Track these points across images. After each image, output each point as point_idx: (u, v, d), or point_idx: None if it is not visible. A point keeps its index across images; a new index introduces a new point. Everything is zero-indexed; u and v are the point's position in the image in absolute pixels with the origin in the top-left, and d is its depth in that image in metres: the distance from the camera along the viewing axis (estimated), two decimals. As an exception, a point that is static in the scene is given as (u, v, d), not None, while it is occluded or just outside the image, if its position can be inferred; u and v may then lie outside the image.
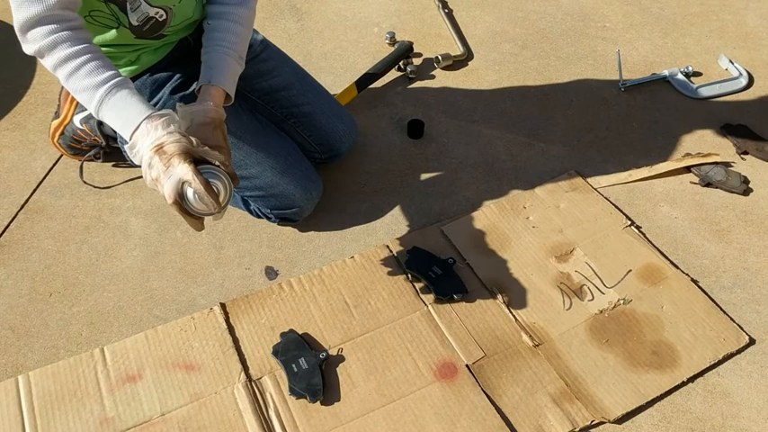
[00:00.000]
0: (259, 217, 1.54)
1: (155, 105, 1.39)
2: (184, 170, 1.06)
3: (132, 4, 1.25)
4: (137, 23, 1.28)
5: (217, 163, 1.11)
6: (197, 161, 1.09)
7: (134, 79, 1.39)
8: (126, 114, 1.11)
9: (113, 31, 1.29)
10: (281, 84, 1.56)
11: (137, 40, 1.33)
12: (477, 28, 2.17)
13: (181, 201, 1.08)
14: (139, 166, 1.12)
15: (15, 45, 1.15)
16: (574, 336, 1.32)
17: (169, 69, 1.42)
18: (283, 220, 1.53)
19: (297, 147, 1.54)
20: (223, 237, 1.53)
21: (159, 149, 1.07)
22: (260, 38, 1.57)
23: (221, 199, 1.10)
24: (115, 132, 1.58)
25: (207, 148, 1.11)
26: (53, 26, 1.10)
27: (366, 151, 1.74)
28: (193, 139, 1.10)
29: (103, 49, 1.29)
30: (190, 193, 1.07)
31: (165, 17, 1.30)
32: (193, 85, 1.39)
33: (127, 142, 1.12)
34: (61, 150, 1.66)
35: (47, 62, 1.14)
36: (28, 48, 1.14)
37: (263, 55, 1.54)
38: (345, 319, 1.34)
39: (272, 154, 1.45)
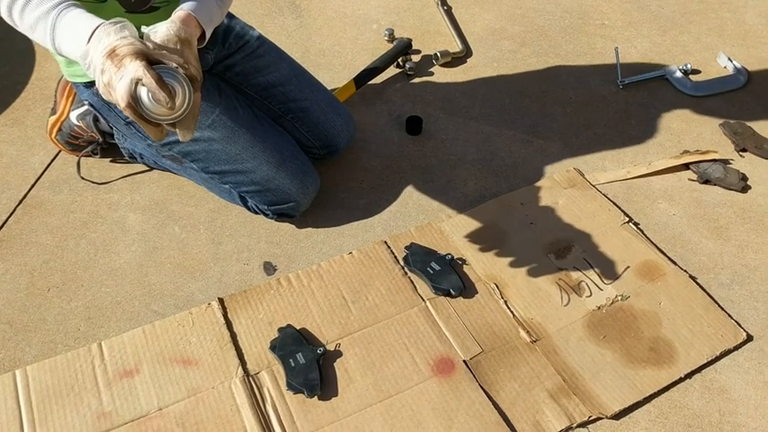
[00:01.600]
0: (257, 213, 1.54)
1: None
2: (135, 67, 0.97)
3: None
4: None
5: (174, 65, 1.02)
6: (153, 63, 1.00)
7: None
8: (78, 30, 1.04)
9: (103, 6, 1.25)
10: (278, 79, 1.56)
11: (127, 14, 1.30)
12: (475, 25, 2.16)
13: (135, 105, 0.99)
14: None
15: (12, 41, 1.15)
16: (571, 332, 1.32)
17: None
18: (281, 216, 1.53)
19: (293, 141, 1.54)
20: (221, 232, 1.53)
21: (112, 53, 0.99)
22: (257, 34, 1.57)
23: (179, 102, 1.00)
24: (111, 128, 1.59)
25: (165, 52, 1.02)
26: None
27: (364, 147, 1.74)
28: (149, 44, 1.02)
29: None
30: (143, 93, 0.98)
31: None
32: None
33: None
34: (59, 146, 1.66)
35: (4, 12, 1.09)
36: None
37: (259, 51, 1.54)
38: (343, 314, 1.34)
39: (268, 148, 1.44)
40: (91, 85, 1.41)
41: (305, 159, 1.52)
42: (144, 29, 1.10)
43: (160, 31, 1.08)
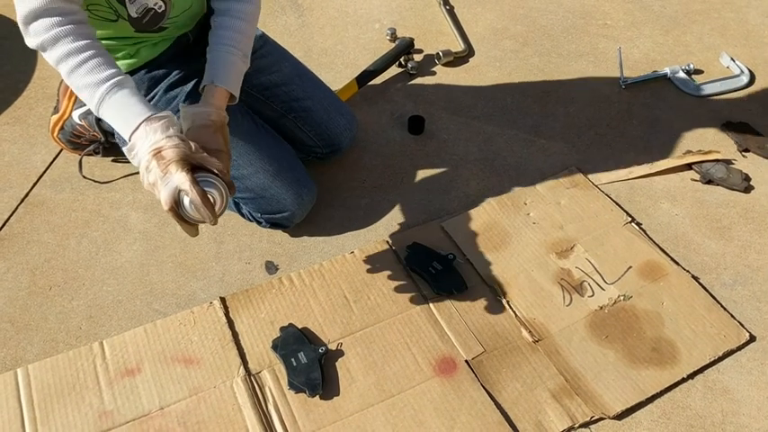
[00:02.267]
0: (250, 220, 1.53)
1: (150, 102, 1.39)
2: (182, 179, 1.06)
3: None
4: (136, 15, 1.27)
5: (215, 170, 1.11)
6: (194, 167, 1.09)
7: (131, 74, 1.38)
8: (125, 114, 1.11)
9: (113, 24, 1.28)
10: (280, 79, 1.55)
11: (137, 33, 1.32)
12: (478, 25, 2.16)
13: (177, 207, 1.08)
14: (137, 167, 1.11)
15: (15, 39, 1.16)
16: (574, 332, 1.32)
17: (167, 66, 1.42)
18: (274, 225, 1.51)
19: (292, 150, 1.52)
20: (223, 231, 1.52)
21: (157, 154, 1.07)
22: (259, 33, 1.56)
23: (217, 208, 1.10)
24: (113, 128, 1.58)
25: (205, 154, 1.11)
26: (55, 19, 1.10)
27: (366, 147, 1.74)
28: (192, 145, 1.10)
29: (103, 42, 1.28)
30: (186, 201, 1.07)
31: (163, 8, 1.30)
32: (192, 83, 1.39)
33: (127, 142, 1.11)
34: (61, 145, 1.66)
35: (49, 56, 1.13)
36: (30, 41, 1.13)
37: (262, 50, 1.54)
38: (345, 313, 1.34)
39: (265, 156, 1.43)
40: None
41: (302, 170, 1.50)
42: (181, 107, 1.19)
43: (198, 118, 1.18)
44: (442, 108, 1.86)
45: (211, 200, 1.08)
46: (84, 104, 1.58)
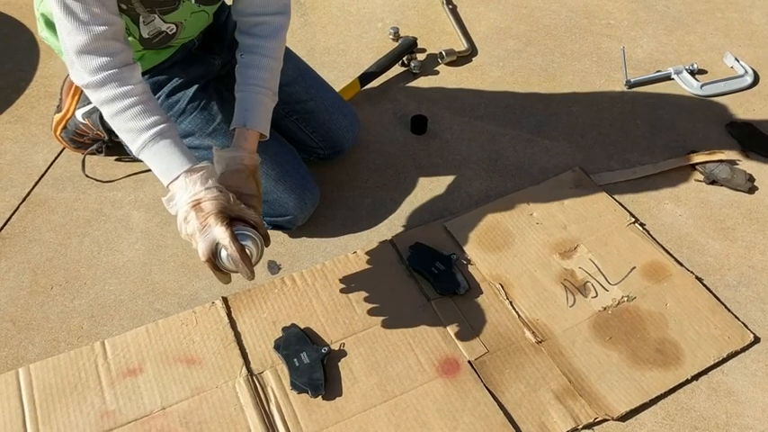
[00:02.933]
0: None
1: None
2: (221, 234, 1.09)
3: (146, 19, 1.24)
4: (147, 36, 1.27)
5: (252, 222, 1.14)
6: (232, 218, 1.12)
7: None
8: (166, 164, 1.14)
9: None
10: (283, 80, 1.53)
11: (144, 50, 1.33)
12: (481, 24, 2.16)
13: (213, 258, 1.11)
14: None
15: (17, 38, 1.15)
16: (577, 333, 1.32)
17: (170, 71, 1.42)
18: (276, 228, 1.51)
19: (296, 153, 1.52)
20: (225, 231, 1.52)
21: (196, 205, 1.10)
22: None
23: (253, 261, 1.13)
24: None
25: (243, 206, 1.14)
26: (103, 60, 1.10)
27: (369, 147, 1.73)
28: (231, 196, 1.13)
29: None
30: (224, 253, 1.10)
31: (175, 31, 1.30)
32: (194, 87, 1.40)
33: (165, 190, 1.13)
34: (64, 144, 1.66)
35: (93, 97, 1.14)
36: (76, 78, 1.14)
37: None
38: (347, 314, 1.34)
39: (269, 160, 1.42)
40: None
41: (306, 173, 1.50)
42: (215, 151, 1.23)
43: (231, 163, 1.20)
44: (445, 108, 1.85)
45: (248, 253, 1.11)
46: (88, 103, 1.58)
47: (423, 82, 1.94)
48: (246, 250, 1.11)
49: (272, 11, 1.30)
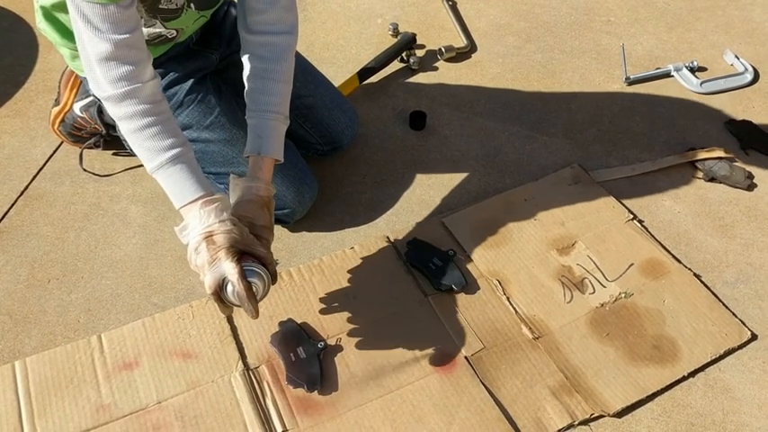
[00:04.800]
0: None
1: None
2: (230, 269, 1.08)
3: (147, 22, 1.24)
4: (146, 38, 1.27)
5: (261, 258, 1.14)
6: (242, 252, 1.12)
7: None
8: (180, 188, 1.14)
9: None
10: None
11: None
12: (480, 20, 2.15)
13: (219, 291, 1.11)
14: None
15: (16, 32, 1.15)
16: (574, 329, 1.31)
17: (167, 65, 1.41)
18: (274, 222, 1.51)
19: (294, 147, 1.51)
20: (223, 226, 1.52)
21: (208, 237, 1.10)
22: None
23: (258, 298, 1.12)
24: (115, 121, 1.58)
25: (254, 240, 1.14)
26: (124, 69, 1.09)
27: (367, 142, 1.73)
28: (244, 230, 1.13)
29: None
30: (230, 288, 1.10)
31: (174, 35, 1.30)
32: (190, 81, 1.40)
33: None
34: (61, 138, 1.66)
35: (111, 111, 1.14)
36: (96, 89, 1.13)
37: None
38: (344, 309, 1.33)
39: None
40: None
41: (304, 167, 1.49)
42: (231, 179, 1.23)
43: (246, 193, 1.21)
44: (444, 104, 1.85)
45: (254, 290, 1.11)
46: (86, 96, 1.58)
47: (422, 78, 1.93)
48: (253, 287, 1.10)
49: (279, 30, 1.28)
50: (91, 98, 1.57)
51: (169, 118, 1.16)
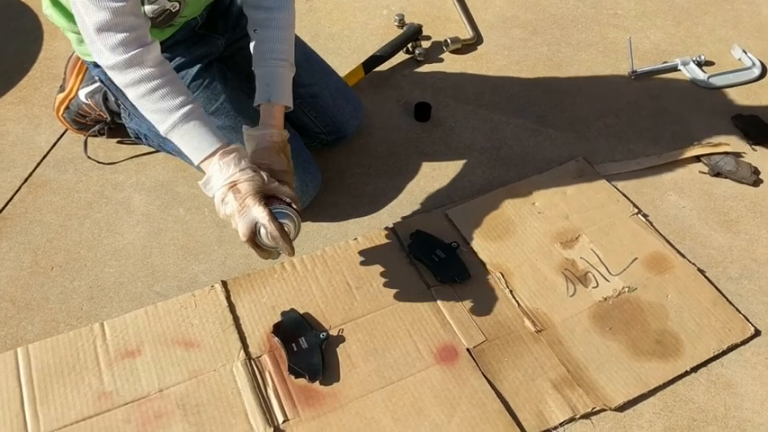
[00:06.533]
0: None
1: None
2: (260, 213, 1.12)
3: None
4: (151, 15, 1.26)
5: (287, 200, 1.17)
6: (268, 197, 1.15)
7: None
8: (197, 143, 1.16)
9: None
10: None
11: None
12: (487, 12, 2.14)
13: (253, 237, 1.15)
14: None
15: (21, 19, 1.15)
16: (577, 322, 1.31)
17: (173, 49, 1.41)
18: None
19: (298, 136, 1.51)
20: (226, 215, 1.52)
21: (233, 187, 1.13)
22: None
23: (292, 237, 1.16)
24: (119, 107, 1.58)
25: (277, 184, 1.17)
26: (123, 36, 1.10)
27: (372, 133, 1.72)
28: (264, 176, 1.16)
29: None
30: (263, 232, 1.14)
31: (178, 8, 1.30)
32: (197, 66, 1.39)
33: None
34: (66, 125, 1.66)
35: (118, 79, 1.15)
36: (100, 58, 1.13)
37: None
38: (347, 300, 1.33)
39: None
40: None
41: (308, 156, 1.49)
42: (245, 130, 1.26)
43: (261, 140, 1.24)
44: (449, 95, 1.84)
45: (287, 230, 1.15)
46: (92, 83, 1.57)
47: (427, 69, 1.93)
48: (285, 227, 1.14)
49: None
50: (96, 85, 1.56)
51: (175, 78, 1.17)
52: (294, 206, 1.18)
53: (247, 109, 1.42)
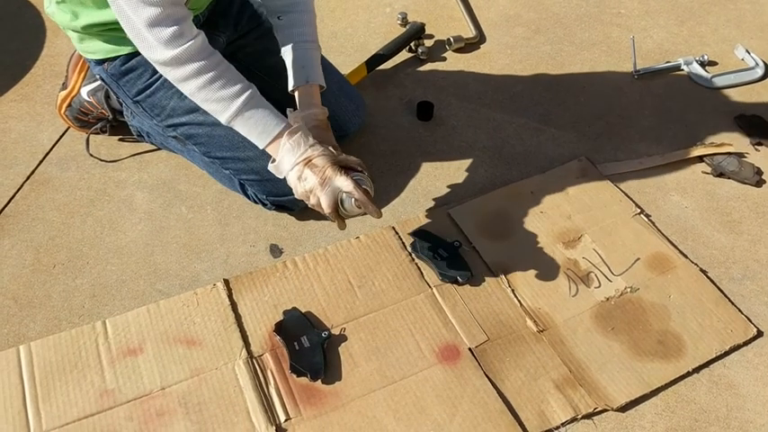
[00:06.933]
0: (255, 202, 1.51)
1: (153, 86, 1.40)
2: (344, 183, 1.17)
3: None
4: None
5: (358, 167, 1.23)
6: (342, 167, 1.20)
7: (137, 56, 1.37)
8: (263, 127, 1.20)
9: None
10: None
11: None
12: (490, 11, 2.14)
13: (336, 206, 1.20)
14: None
15: (24, 16, 1.15)
16: (579, 322, 1.31)
17: None
18: (279, 208, 1.50)
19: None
20: (228, 213, 1.52)
21: (309, 163, 1.18)
22: (270, 13, 1.55)
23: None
24: (121, 105, 1.58)
25: (344, 155, 1.23)
26: (174, 29, 1.11)
27: (374, 132, 1.72)
28: (332, 149, 1.22)
29: (110, 24, 1.28)
30: (348, 200, 1.19)
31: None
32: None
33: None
34: (68, 122, 1.66)
35: (174, 74, 1.16)
36: (154, 55, 1.14)
37: (271, 34, 1.52)
38: (349, 299, 1.33)
39: None
40: (103, 61, 1.40)
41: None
42: (289, 112, 1.30)
43: (307, 120, 1.29)
44: (452, 94, 1.84)
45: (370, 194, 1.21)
46: (94, 81, 1.57)
47: (430, 68, 1.92)
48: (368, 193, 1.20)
49: None
50: (98, 82, 1.56)
51: (228, 65, 1.20)
52: (366, 172, 1.23)
53: None
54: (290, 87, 1.33)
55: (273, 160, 1.23)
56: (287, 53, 1.34)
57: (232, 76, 1.18)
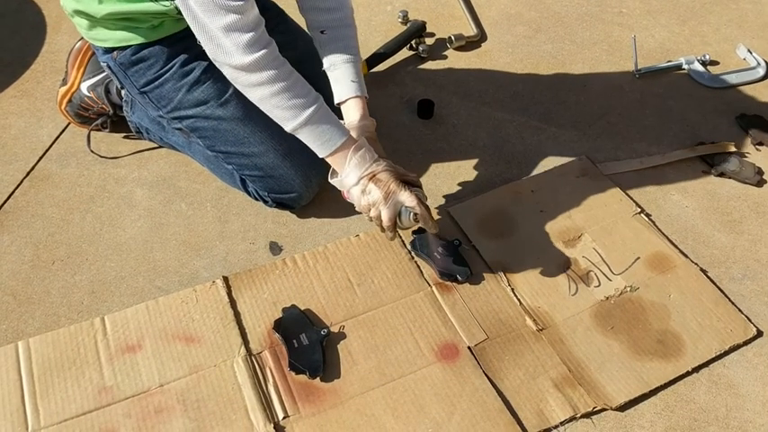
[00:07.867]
0: (256, 199, 1.51)
1: (162, 77, 1.39)
2: (407, 198, 1.22)
3: None
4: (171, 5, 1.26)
5: (416, 183, 1.27)
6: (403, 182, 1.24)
7: (148, 46, 1.37)
8: (327, 137, 1.23)
9: (149, 4, 1.29)
10: (293, 57, 1.51)
11: (165, 17, 1.33)
12: (491, 9, 2.13)
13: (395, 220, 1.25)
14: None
15: (24, 13, 1.14)
16: (579, 321, 1.31)
17: (186, 40, 1.39)
18: (280, 205, 1.50)
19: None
20: (228, 210, 1.52)
21: (373, 177, 1.22)
22: (278, 9, 1.55)
23: None
24: (121, 99, 1.57)
25: (402, 169, 1.26)
26: (251, 34, 1.13)
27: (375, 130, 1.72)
28: (395, 165, 1.25)
29: (129, 13, 1.29)
30: (406, 215, 1.23)
31: None
32: (209, 60, 1.39)
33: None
34: (68, 118, 1.65)
35: (247, 79, 1.18)
36: (230, 59, 1.16)
37: (278, 28, 1.51)
38: (348, 296, 1.33)
39: (276, 135, 1.40)
40: (112, 50, 1.39)
41: (314, 152, 1.49)
42: (347, 125, 1.33)
43: (364, 134, 1.31)
44: (453, 93, 1.84)
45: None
46: (94, 75, 1.57)
47: (431, 66, 1.92)
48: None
49: None
50: (98, 77, 1.56)
51: (298, 75, 1.22)
52: (420, 187, 1.27)
53: None
54: (338, 99, 1.35)
55: (333, 172, 1.28)
56: (334, 67, 1.36)
57: (303, 85, 1.21)
